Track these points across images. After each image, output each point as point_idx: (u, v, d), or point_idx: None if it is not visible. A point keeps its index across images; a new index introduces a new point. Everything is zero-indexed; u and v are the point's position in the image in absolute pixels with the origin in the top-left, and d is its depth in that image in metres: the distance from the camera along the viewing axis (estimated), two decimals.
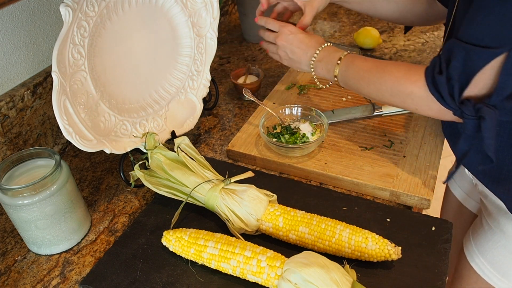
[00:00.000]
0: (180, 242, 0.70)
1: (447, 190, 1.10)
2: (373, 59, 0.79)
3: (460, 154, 0.75)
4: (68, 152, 1.01)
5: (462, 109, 0.65)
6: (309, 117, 0.96)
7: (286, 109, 0.98)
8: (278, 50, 0.90)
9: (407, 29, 1.07)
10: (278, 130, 0.94)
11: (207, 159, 0.86)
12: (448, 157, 1.00)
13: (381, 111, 0.99)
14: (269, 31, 0.93)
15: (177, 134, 0.94)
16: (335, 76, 0.82)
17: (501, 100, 0.63)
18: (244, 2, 1.32)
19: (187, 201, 0.76)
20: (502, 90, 0.62)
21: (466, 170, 0.93)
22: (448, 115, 0.69)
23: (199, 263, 0.69)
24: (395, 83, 0.72)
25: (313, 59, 0.85)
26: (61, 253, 0.77)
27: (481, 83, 0.63)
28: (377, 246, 0.66)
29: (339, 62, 0.82)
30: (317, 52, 0.85)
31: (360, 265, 0.68)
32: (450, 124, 0.83)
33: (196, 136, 1.03)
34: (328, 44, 0.86)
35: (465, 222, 1.03)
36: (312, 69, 0.87)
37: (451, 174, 0.79)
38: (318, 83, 0.91)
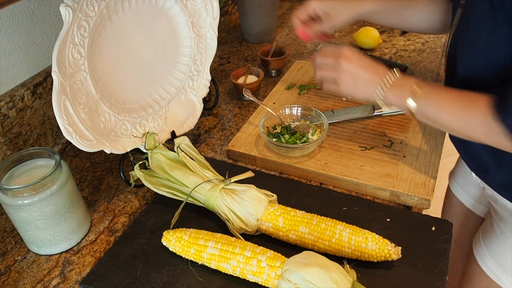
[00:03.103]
0: (180, 242, 0.70)
1: (450, 193, 1.08)
2: (456, 90, 0.69)
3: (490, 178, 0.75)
4: (68, 152, 1.01)
5: None
6: (309, 117, 0.96)
7: (286, 109, 0.98)
8: (339, 73, 0.75)
9: (404, 32, 1.05)
10: (278, 130, 0.94)
11: (207, 159, 0.86)
12: (448, 157, 1.00)
13: (381, 111, 0.99)
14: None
15: (177, 134, 0.94)
16: (411, 105, 0.70)
17: None
18: (244, 2, 1.32)
19: (187, 201, 0.76)
20: None
21: (473, 175, 0.92)
22: None
23: (199, 263, 0.69)
24: (488, 122, 0.64)
25: (386, 84, 0.72)
26: (61, 253, 0.77)
27: None
28: (377, 246, 0.66)
29: (416, 89, 0.70)
30: (389, 76, 0.72)
31: (360, 265, 0.68)
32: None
33: (196, 136, 1.03)
34: (396, 69, 0.74)
35: (473, 226, 1.01)
36: (382, 96, 0.73)
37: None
38: (384, 106, 0.76)
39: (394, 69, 0.74)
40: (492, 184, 0.80)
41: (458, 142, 0.85)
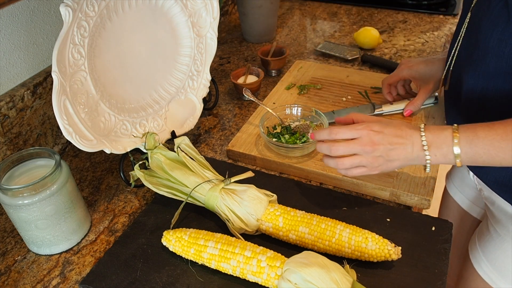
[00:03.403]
0: (180, 242, 0.70)
1: (446, 194, 1.07)
2: (496, 123, 0.64)
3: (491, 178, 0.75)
4: (68, 152, 1.01)
5: None
6: (309, 117, 0.96)
7: (286, 109, 0.98)
8: (369, 158, 0.68)
9: None
10: (278, 130, 0.94)
11: (207, 159, 0.86)
12: None
13: (382, 110, 0.99)
14: (337, 141, 0.70)
15: (177, 134, 0.94)
16: (456, 158, 0.66)
17: None
18: (244, 2, 1.32)
19: (187, 201, 0.76)
20: None
21: (471, 175, 0.92)
22: None
23: (199, 263, 0.69)
24: None
25: (425, 147, 0.67)
26: (61, 253, 0.77)
27: None
28: (377, 246, 0.66)
29: (456, 140, 0.65)
30: (423, 138, 0.67)
31: (360, 265, 0.68)
32: None
33: (196, 136, 1.03)
34: (423, 124, 0.69)
35: (469, 228, 1.00)
36: (428, 160, 0.68)
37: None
38: (427, 169, 0.70)
39: (422, 125, 0.69)
40: (492, 185, 0.79)
41: None
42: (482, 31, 0.70)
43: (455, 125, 0.67)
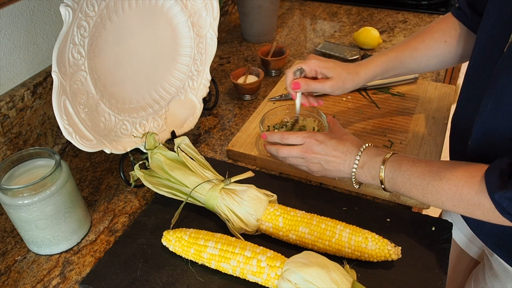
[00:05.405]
0: (180, 242, 0.70)
1: None
2: (422, 161, 0.68)
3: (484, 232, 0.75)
4: (68, 152, 1.01)
5: None
6: (310, 117, 0.96)
7: (286, 109, 0.98)
8: (308, 163, 0.78)
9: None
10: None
11: (207, 159, 0.86)
12: (448, 158, 1.00)
13: (366, 85, 1.05)
14: (284, 146, 0.81)
15: (177, 134, 0.94)
16: (382, 182, 0.72)
17: None
18: (244, 2, 1.32)
19: (187, 201, 0.76)
20: None
21: None
22: None
23: (199, 263, 0.69)
24: (456, 194, 0.62)
25: (355, 166, 0.74)
26: (61, 253, 0.77)
27: None
28: (377, 246, 0.66)
29: (382, 167, 0.71)
30: (358, 158, 0.73)
31: (360, 265, 0.68)
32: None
33: (196, 136, 1.03)
34: (368, 145, 0.75)
35: (466, 268, 0.95)
36: (353, 177, 0.75)
37: None
38: (356, 186, 0.78)
39: (363, 146, 0.74)
40: (487, 241, 0.77)
41: None
42: (501, 77, 0.62)
43: (391, 153, 0.72)
